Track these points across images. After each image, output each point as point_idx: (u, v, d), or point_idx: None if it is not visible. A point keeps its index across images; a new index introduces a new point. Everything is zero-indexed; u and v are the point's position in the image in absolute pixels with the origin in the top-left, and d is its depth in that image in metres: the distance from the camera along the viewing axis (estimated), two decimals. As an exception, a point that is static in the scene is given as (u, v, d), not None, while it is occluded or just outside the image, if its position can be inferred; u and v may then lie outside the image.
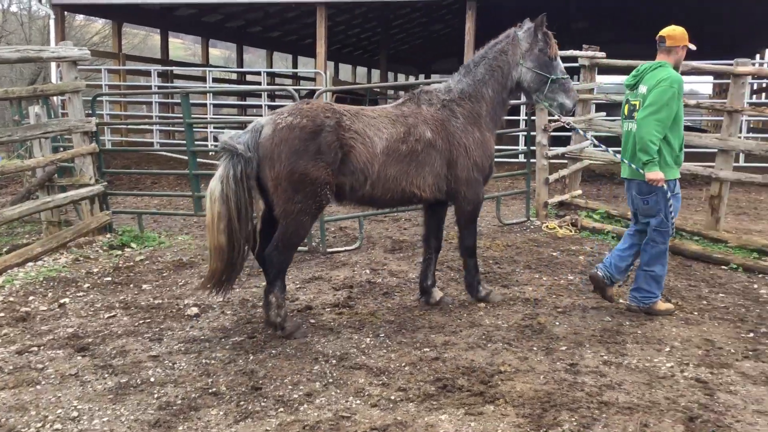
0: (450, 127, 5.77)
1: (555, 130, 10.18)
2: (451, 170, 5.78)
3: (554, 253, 7.97)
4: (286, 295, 5.56)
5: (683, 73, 8.49)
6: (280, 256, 5.33)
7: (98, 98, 13.02)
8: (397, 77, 44.09)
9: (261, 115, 22.13)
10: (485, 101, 5.95)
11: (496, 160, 6.46)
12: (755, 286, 6.97)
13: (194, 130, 9.74)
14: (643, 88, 5.68)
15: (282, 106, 23.33)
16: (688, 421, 4.03)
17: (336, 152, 5.22)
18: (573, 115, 6.47)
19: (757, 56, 28.45)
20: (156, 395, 4.42)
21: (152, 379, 4.65)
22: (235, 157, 5.15)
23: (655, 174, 5.55)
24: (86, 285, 6.87)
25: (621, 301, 6.27)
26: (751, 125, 18.75)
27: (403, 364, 4.84)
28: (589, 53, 9.53)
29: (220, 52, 57.16)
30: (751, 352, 5.15)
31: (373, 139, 5.41)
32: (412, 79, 44.19)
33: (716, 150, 8.36)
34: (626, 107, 5.91)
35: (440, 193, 5.84)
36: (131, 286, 6.87)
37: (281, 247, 5.32)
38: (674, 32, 5.75)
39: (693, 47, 5.78)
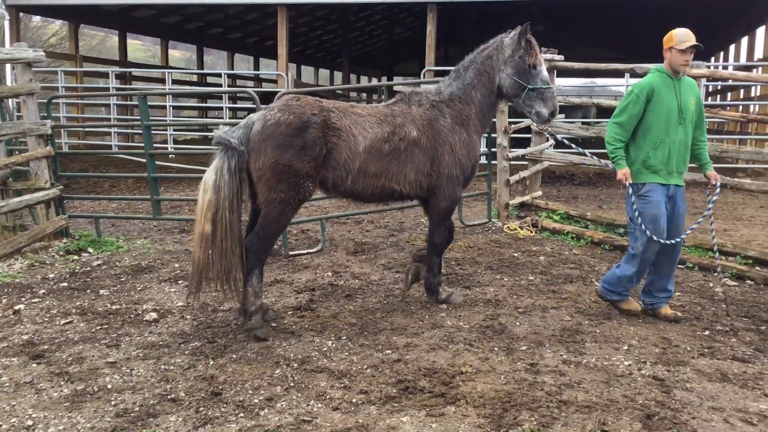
0: (437, 125, 5.93)
1: (515, 132, 10.27)
2: (435, 167, 5.92)
3: (515, 254, 8.04)
4: (262, 286, 5.68)
5: (640, 76, 8.65)
6: (259, 243, 5.47)
7: (54, 100, 12.79)
8: (359, 79, 44.10)
9: (221, 117, 22.00)
10: (474, 104, 6.06)
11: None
12: (711, 284, 7.12)
13: (154, 132, 9.60)
14: None
15: (242, 108, 23.15)
16: (646, 419, 4.09)
17: (321, 148, 5.43)
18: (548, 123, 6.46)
19: (712, 59, 29.06)
20: (113, 402, 4.34)
21: (109, 386, 4.57)
22: (229, 151, 5.36)
23: (618, 173, 5.71)
24: (42, 291, 6.72)
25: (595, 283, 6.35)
26: (707, 127, 19.16)
27: (364, 367, 4.83)
28: (548, 56, 9.63)
29: (181, 53, 56.59)
30: (706, 350, 5.25)
31: (357, 138, 5.59)
32: (375, 81, 44.24)
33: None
34: None
35: (421, 190, 5.98)
36: (88, 291, 6.75)
37: (261, 235, 5.47)
38: (666, 36, 5.78)
39: (681, 47, 5.65)
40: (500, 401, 4.27)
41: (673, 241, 5.75)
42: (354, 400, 4.32)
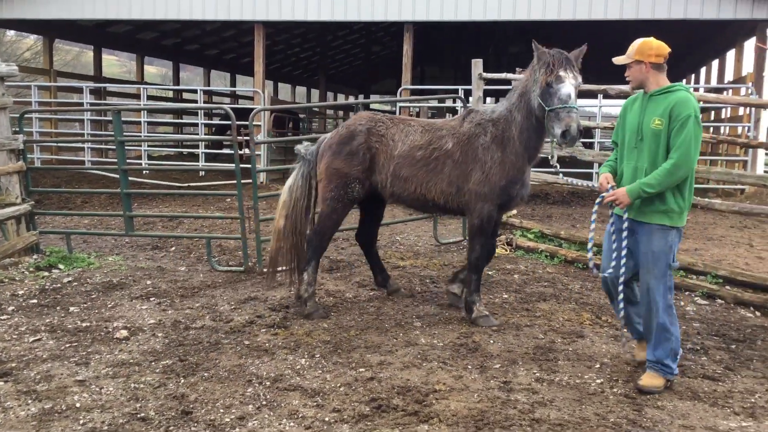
0: (475, 142, 6.11)
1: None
2: (466, 183, 6.11)
3: (489, 272, 8.07)
4: (317, 276, 6.67)
5: (612, 97, 8.77)
6: (315, 238, 6.51)
7: (27, 115, 12.66)
8: (336, 97, 44.26)
9: (197, 134, 21.89)
10: (515, 125, 6.01)
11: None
12: (682, 303, 7.19)
13: (128, 148, 9.53)
14: None
15: (218, 124, 23.13)
16: (617, 437, 4.11)
17: (365, 153, 6.32)
18: (570, 145, 5.92)
19: (684, 81, 29.60)
20: (81, 421, 4.27)
21: (78, 405, 4.49)
22: (303, 161, 6.62)
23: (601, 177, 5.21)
24: (10, 308, 6.61)
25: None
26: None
27: (338, 385, 4.81)
28: (521, 76, 9.72)
29: (157, 69, 56.39)
30: (677, 368, 5.29)
31: (396, 144, 6.31)
32: (351, 99, 44.40)
33: (644, 171, 8.60)
34: None
35: (452, 201, 6.22)
36: (58, 308, 6.65)
37: (317, 231, 6.52)
38: None
39: (616, 61, 5.09)
40: (473, 419, 4.27)
41: (619, 282, 4.97)
42: (327, 419, 4.29)
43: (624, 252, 4.91)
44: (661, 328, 4.87)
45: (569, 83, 5.57)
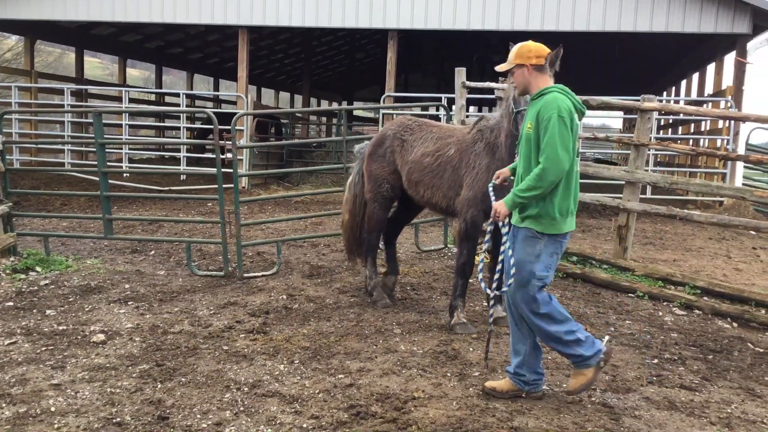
0: (471, 148, 6.27)
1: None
2: (460, 188, 6.32)
3: (470, 280, 8.06)
4: (376, 269, 7.24)
5: (594, 108, 8.84)
6: (366, 235, 7.21)
7: (6, 116, 12.53)
8: (320, 103, 44.23)
9: (179, 137, 21.77)
10: (504, 131, 5.99)
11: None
12: (660, 313, 7.24)
13: (109, 150, 9.45)
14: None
15: (200, 128, 23.03)
16: (595, 445, 4.12)
17: (390, 156, 6.90)
18: None
19: (665, 93, 29.89)
20: (56, 425, 4.21)
21: (53, 409, 4.44)
22: (358, 160, 7.30)
23: None
24: (-15, 310, 6.52)
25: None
26: (658, 159, 19.63)
27: (316, 391, 4.78)
28: (505, 85, 9.75)
29: (140, 72, 56.08)
30: (655, 378, 5.33)
31: (412, 149, 6.70)
32: (335, 105, 44.40)
33: (624, 182, 8.69)
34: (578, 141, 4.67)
35: (454, 206, 6.40)
36: (34, 311, 6.56)
37: (366, 228, 7.22)
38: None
39: (498, 68, 4.83)
40: (452, 427, 4.26)
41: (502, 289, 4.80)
42: (305, 425, 4.26)
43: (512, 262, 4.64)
44: (544, 335, 4.62)
45: None
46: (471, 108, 30.01)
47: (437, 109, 17.26)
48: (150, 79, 43.23)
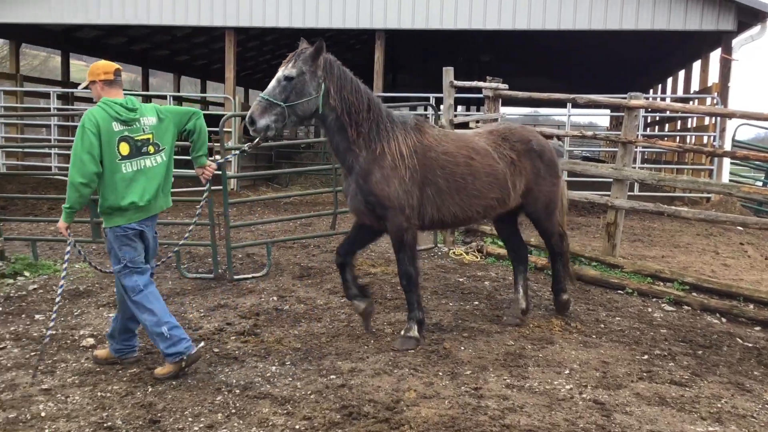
0: None
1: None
2: None
3: (461, 279, 8.09)
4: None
5: (581, 106, 8.87)
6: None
7: (-8, 120, 12.43)
8: (307, 104, 44.07)
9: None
10: None
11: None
12: (649, 309, 7.28)
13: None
14: (151, 120, 5.20)
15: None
16: (587, 442, 4.14)
17: None
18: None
19: (651, 90, 30.03)
20: (47, 431, 4.19)
21: (43, 414, 4.41)
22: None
23: None
24: (-27, 316, 6.47)
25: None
26: (646, 156, 19.72)
27: (308, 393, 4.78)
28: (493, 84, 9.80)
29: (126, 75, 55.67)
30: (645, 374, 5.36)
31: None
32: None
33: (612, 180, 8.73)
34: (127, 144, 5.04)
35: None
36: (23, 316, 6.52)
37: None
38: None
39: (79, 88, 5.62)
40: (444, 426, 4.27)
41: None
42: (297, 427, 4.26)
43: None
44: (140, 319, 5.09)
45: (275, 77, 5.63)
46: (459, 107, 30.03)
47: (425, 109, 17.26)
48: (136, 82, 42.95)
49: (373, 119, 5.68)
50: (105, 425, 4.26)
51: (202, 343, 5.39)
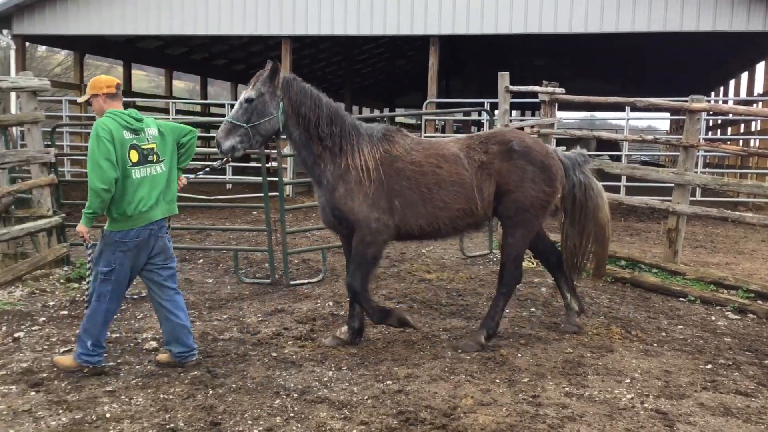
0: None
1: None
2: None
3: (517, 286, 8.00)
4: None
5: (641, 109, 8.69)
6: None
7: (58, 129, 12.87)
8: (361, 111, 44.43)
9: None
10: None
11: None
12: (713, 318, 7.09)
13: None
14: (154, 131, 5.36)
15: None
16: (649, 452, 4.05)
17: None
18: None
19: (713, 93, 29.29)
20: (112, 431, 4.30)
21: (108, 415, 4.53)
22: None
23: None
24: (42, 319, 6.70)
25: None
26: (708, 160, 19.24)
27: (365, 398, 4.80)
28: (549, 89, 9.70)
29: (185, 84, 56.97)
30: (709, 384, 5.22)
31: None
32: (376, 113, 44.51)
33: (673, 184, 8.54)
34: (136, 152, 5.21)
35: None
36: (88, 319, 6.71)
37: None
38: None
39: (78, 100, 5.96)
40: (502, 434, 4.23)
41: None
42: (354, 431, 4.28)
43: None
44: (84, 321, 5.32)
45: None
46: (513, 113, 29.80)
47: (479, 114, 17.17)
48: (195, 91, 43.90)
49: (337, 133, 5.73)
50: (167, 427, 4.35)
51: (197, 355, 5.47)
